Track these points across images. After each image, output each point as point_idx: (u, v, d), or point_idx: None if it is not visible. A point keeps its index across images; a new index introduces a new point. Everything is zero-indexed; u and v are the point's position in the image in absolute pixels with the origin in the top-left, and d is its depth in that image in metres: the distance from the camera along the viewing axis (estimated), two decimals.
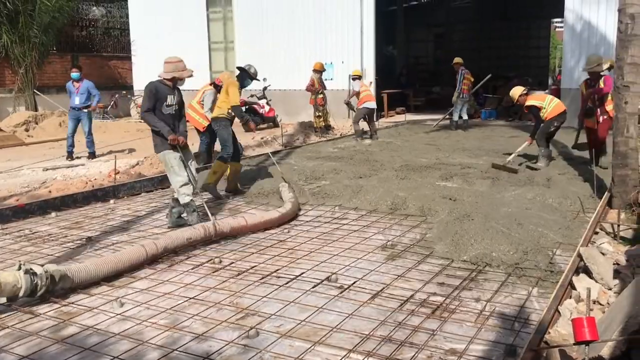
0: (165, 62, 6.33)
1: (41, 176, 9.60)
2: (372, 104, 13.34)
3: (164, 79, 6.30)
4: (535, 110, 9.13)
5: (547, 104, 9.13)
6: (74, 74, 11.72)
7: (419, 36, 28.05)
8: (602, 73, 8.58)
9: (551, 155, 9.40)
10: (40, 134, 15.30)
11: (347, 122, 16.78)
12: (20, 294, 4.11)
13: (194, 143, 9.70)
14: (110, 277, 4.75)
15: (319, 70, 14.55)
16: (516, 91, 9.47)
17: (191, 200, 6.31)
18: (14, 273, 4.12)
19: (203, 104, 9.58)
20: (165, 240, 5.30)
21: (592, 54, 8.91)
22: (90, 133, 11.78)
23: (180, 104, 6.47)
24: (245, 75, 8.08)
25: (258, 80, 8.52)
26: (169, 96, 6.26)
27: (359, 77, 14.13)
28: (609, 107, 8.17)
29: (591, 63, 8.42)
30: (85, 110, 11.70)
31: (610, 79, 7.97)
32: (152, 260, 5.11)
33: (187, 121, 9.56)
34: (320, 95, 14.59)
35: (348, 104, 14.65)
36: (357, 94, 13.42)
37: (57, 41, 20.47)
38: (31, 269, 4.18)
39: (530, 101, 9.20)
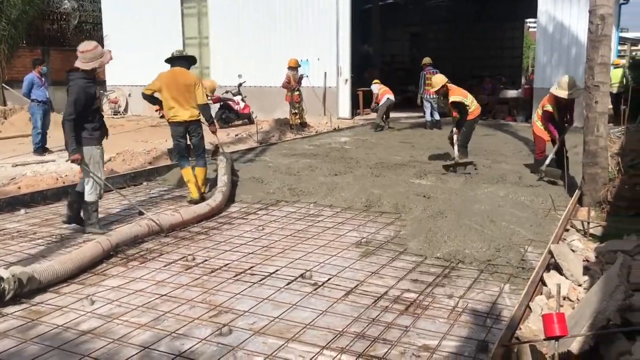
0: (82, 51, 5.73)
1: (10, 172, 9.39)
2: (391, 96, 14.80)
3: (84, 70, 5.75)
4: (462, 106, 8.96)
5: (471, 102, 9.04)
6: (45, 68, 11.54)
7: (395, 35, 28.14)
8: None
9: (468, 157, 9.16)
10: (9, 129, 14.95)
11: (322, 119, 16.80)
12: None
13: (167, 139, 9.62)
14: (80, 275, 4.68)
15: (294, 67, 14.55)
16: (440, 79, 9.11)
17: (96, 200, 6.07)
18: None
19: None
20: (116, 236, 5.29)
21: (567, 76, 7.90)
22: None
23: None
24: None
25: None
26: (95, 92, 5.92)
27: (377, 82, 15.40)
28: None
29: (571, 88, 7.74)
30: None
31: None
32: (105, 257, 5.08)
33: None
34: (297, 92, 14.58)
35: (373, 108, 15.56)
36: (377, 96, 14.89)
37: (27, 35, 20.04)
38: None
39: (456, 97, 8.94)
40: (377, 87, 15.10)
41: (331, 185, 7.63)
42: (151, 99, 7.24)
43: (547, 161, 8.09)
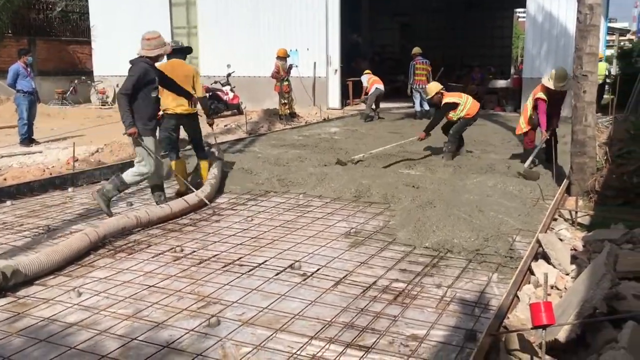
0: (148, 38, 5.96)
1: None
2: (380, 86, 14.83)
3: (147, 57, 5.93)
4: (452, 106, 8.80)
5: (465, 101, 8.89)
6: (31, 58, 11.39)
7: (385, 24, 28.04)
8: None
9: (456, 151, 9.10)
10: None
11: (312, 109, 16.75)
12: None
13: None
14: (67, 267, 4.65)
15: (283, 57, 14.47)
16: (434, 87, 9.02)
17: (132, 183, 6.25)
18: None
19: None
20: (103, 227, 5.25)
21: (560, 68, 7.94)
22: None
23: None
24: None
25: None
26: (155, 78, 5.99)
27: (368, 73, 15.29)
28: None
29: (563, 80, 7.83)
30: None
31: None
32: (92, 248, 5.04)
33: None
34: (286, 83, 14.51)
35: (363, 100, 15.58)
36: (366, 88, 14.91)
37: (12, 24, 19.77)
38: None
39: (449, 98, 8.84)
40: (366, 79, 15.08)
41: (320, 175, 7.61)
42: None
43: (528, 162, 8.05)
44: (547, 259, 4.52)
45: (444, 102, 8.82)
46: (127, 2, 19.66)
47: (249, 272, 4.56)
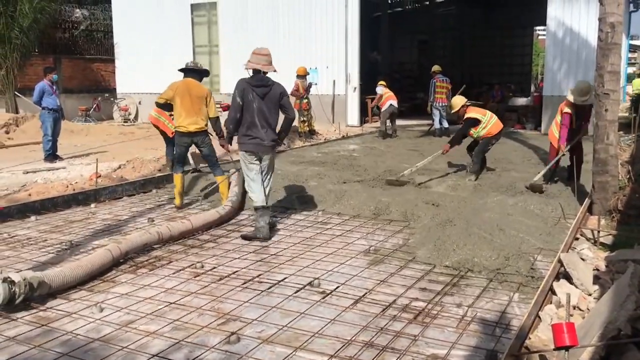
0: (266, 54, 6.35)
1: (21, 179, 9.46)
2: (394, 102, 14.79)
3: (264, 72, 6.24)
4: (474, 122, 8.74)
5: (488, 119, 8.81)
6: (56, 76, 11.66)
7: (403, 42, 28.20)
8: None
9: (480, 171, 9.00)
10: (21, 137, 15.09)
11: (330, 127, 16.82)
12: None
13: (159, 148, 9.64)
14: (90, 282, 4.71)
15: (303, 75, 14.58)
16: (459, 101, 8.97)
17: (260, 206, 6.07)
18: None
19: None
20: (126, 244, 5.31)
21: (582, 82, 7.98)
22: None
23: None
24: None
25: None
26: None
27: (383, 84, 15.23)
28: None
29: (586, 94, 7.78)
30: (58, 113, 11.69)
31: None
32: (115, 264, 5.10)
33: (156, 126, 9.51)
34: (305, 100, 14.60)
35: (373, 108, 15.70)
36: (380, 97, 14.94)
37: (39, 43, 20.25)
38: (9, 277, 4.07)
39: (472, 114, 8.77)
40: (381, 89, 15.11)
41: (339, 193, 7.63)
42: (164, 106, 7.41)
43: (538, 176, 8.07)
44: (569, 279, 4.47)
45: (466, 116, 8.78)
46: (150, 21, 20.02)
47: (268, 289, 4.57)
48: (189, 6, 19.64)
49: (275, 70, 6.21)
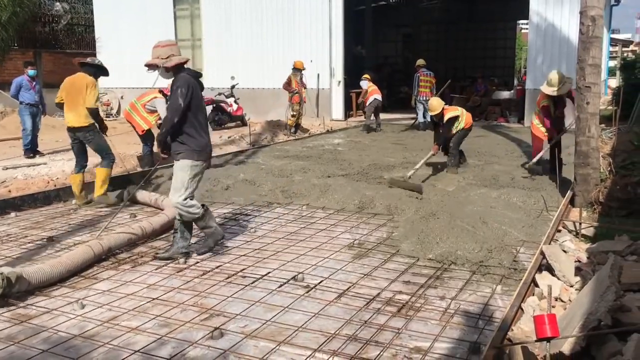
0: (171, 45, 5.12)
1: (1, 175, 9.32)
2: (378, 96, 14.82)
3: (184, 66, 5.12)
4: (453, 120, 8.88)
5: (462, 113, 9.04)
6: (33, 71, 11.51)
7: (388, 36, 28.17)
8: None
9: (459, 164, 9.11)
10: (1, 132, 14.88)
11: (315, 121, 16.78)
12: None
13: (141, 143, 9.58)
14: (71, 279, 4.66)
15: (297, 69, 14.42)
16: (438, 104, 8.96)
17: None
18: None
19: (149, 109, 9.15)
20: (109, 240, 5.25)
21: (552, 73, 8.04)
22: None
23: None
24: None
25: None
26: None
27: (367, 78, 15.36)
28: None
29: (560, 82, 7.90)
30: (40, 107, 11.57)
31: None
32: (97, 260, 5.04)
33: (129, 122, 9.38)
34: (296, 94, 14.48)
35: (360, 103, 15.80)
36: (365, 92, 15.02)
37: (19, 37, 19.91)
38: None
39: (451, 113, 8.91)
40: (366, 84, 15.16)
41: (324, 187, 7.62)
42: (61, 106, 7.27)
43: (536, 159, 8.31)
44: (551, 270, 4.51)
45: (447, 117, 8.84)
46: (132, 14, 19.79)
47: (252, 284, 4.55)
48: None
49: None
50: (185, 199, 5.08)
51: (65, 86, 7.07)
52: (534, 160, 8.32)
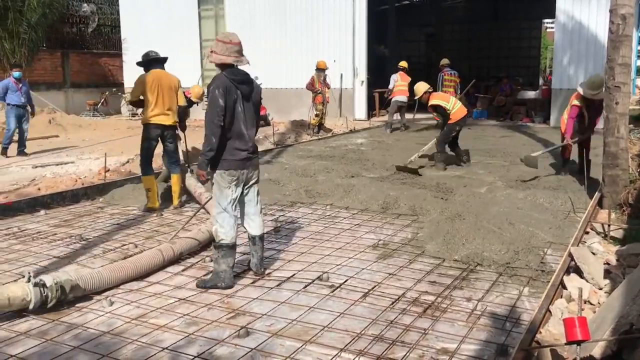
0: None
1: (30, 173, 9.51)
2: (402, 97, 14.64)
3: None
4: (442, 110, 8.82)
5: (452, 105, 8.87)
6: (17, 73, 11.85)
7: (411, 36, 28.06)
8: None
9: (447, 160, 9.05)
10: (29, 131, 15.13)
11: (338, 120, 16.78)
12: (30, 307, 3.95)
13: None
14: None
15: (322, 69, 14.44)
16: (421, 87, 9.00)
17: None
18: (23, 286, 3.97)
19: None
20: (181, 244, 5.18)
21: (595, 75, 7.87)
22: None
23: None
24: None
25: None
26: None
27: (403, 69, 15.08)
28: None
29: (596, 88, 7.65)
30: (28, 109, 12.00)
31: None
32: (168, 265, 4.99)
33: None
34: (319, 94, 14.51)
35: (387, 98, 15.72)
36: (391, 90, 14.95)
37: (47, 38, 20.30)
38: (41, 280, 4.02)
39: (436, 100, 8.82)
40: (393, 81, 14.95)
41: (347, 187, 7.61)
42: (137, 103, 7.12)
43: (538, 153, 8.35)
44: (579, 273, 4.44)
45: (430, 103, 8.80)
46: (157, 15, 20.00)
47: (277, 285, 4.56)
48: (196, 0, 19.61)
49: (248, 63, 4.86)
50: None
51: (151, 85, 6.78)
52: (537, 153, 8.26)
